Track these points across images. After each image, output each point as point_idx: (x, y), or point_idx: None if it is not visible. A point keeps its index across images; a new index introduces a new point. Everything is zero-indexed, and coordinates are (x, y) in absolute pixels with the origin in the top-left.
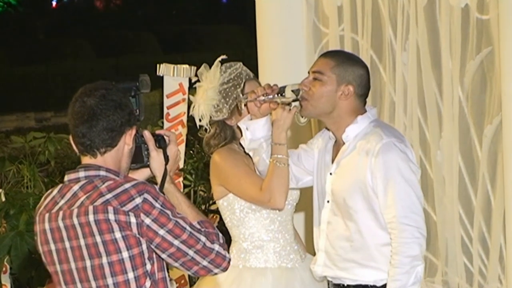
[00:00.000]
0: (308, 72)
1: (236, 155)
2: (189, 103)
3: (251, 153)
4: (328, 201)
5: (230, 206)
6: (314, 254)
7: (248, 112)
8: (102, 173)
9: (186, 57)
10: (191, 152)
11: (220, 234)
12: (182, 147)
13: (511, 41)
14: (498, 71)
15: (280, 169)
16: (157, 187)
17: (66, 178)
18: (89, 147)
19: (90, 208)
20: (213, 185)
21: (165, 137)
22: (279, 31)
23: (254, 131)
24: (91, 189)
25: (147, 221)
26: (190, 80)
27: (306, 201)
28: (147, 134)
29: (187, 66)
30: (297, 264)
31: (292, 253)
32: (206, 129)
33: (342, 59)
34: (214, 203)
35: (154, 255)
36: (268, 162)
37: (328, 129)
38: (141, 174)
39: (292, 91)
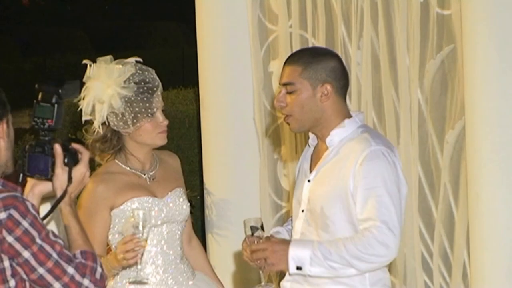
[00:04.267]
0: (279, 84)
1: (102, 196)
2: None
3: None
4: (302, 211)
5: None
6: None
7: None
8: None
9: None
10: None
11: (100, 270)
12: None
13: (474, 39)
14: (460, 71)
15: None
16: (29, 204)
17: None
18: None
19: None
20: None
21: (78, 154)
22: (221, 28)
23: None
24: None
25: (9, 239)
26: None
27: None
28: (58, 148)
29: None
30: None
31: None
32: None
33: (308, 59)
34: None
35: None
36: None
37: (313, 134)
38: (45, 186)
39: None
